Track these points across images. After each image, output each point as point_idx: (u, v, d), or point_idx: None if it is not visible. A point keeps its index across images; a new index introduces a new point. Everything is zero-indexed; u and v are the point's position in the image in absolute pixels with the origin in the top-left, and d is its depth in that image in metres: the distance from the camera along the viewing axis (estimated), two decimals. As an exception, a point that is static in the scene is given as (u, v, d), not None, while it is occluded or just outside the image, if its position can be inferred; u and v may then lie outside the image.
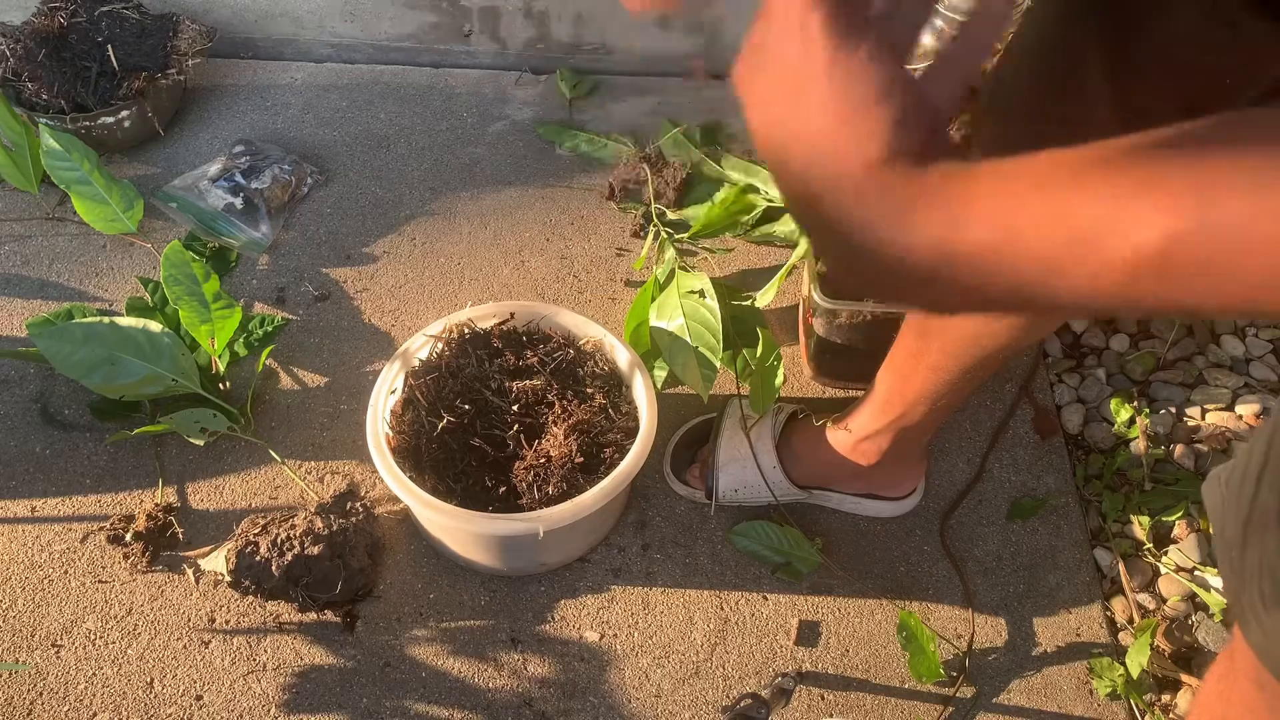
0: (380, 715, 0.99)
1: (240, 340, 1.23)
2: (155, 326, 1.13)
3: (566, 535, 1.03)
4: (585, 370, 1.09)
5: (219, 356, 1.17)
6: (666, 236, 1.32)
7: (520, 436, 1.04)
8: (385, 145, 1.51)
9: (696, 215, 1.35)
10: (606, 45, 1.62)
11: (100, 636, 1.02)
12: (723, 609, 1.07)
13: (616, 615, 1.06)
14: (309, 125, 1.53)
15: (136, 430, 1.10)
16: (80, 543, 1.08)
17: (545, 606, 1.06)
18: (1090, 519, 1.16)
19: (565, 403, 1.05)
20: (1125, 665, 1.02)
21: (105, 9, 1.47)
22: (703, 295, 1.12)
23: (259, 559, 0.99)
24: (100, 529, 1.09)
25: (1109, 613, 1.09)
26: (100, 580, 1.06)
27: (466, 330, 1.10)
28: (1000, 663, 1.05)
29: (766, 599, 1.08)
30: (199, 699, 0.99)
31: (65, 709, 0.98)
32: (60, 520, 1.10)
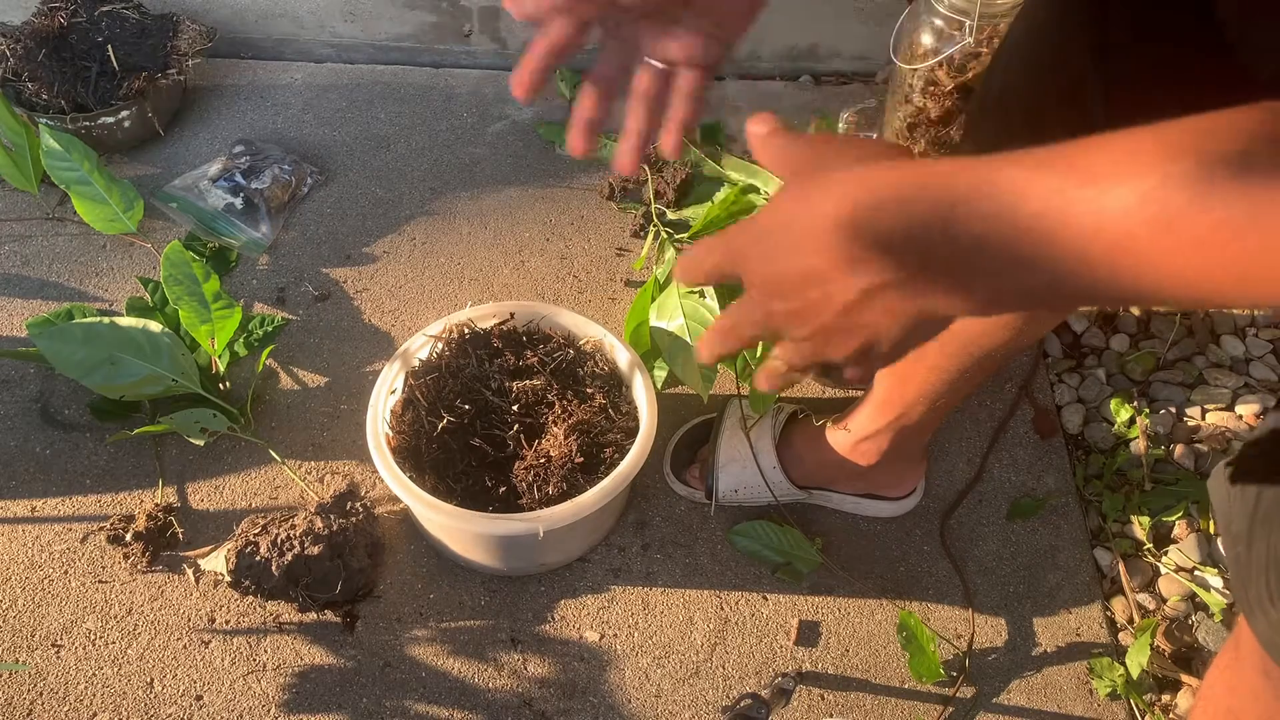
0: (380, 715, 0.99)
1: (240, 340, 1.23)
2: (155, 326, 1.13)
3: (566, 535, 1.03)
4: (585, 370, 1.09)
5: (219, 356, 1.17)
6: (666, 236, 1.32)
7: (520, 436, 1.04)
8: (385, 145, 1.51)
9: (696, 215, 1.35)
10: (606, 45, 1.62)
11: (100, 636, 1.02)
12: (723, 609, 1.07)
13: (616, 615, 1.06)
14: (309, 125, 1.53)
15: (136, 430, 1.10)
16: (80, 543, 1.08)
17: (545, 606, 1.06)
18: (1090, 519, 1.16)
19: (565, 403, 1.05)
20: (1125, 665, 1.03)
21: (105, 9, 1.47)
22: (703, 295, 1.12)
23: (259, 559, 0.99)
24: (100, 529, 1.09)
25: (1109, 613, 1.09)
26: (100, 580, 1.06)
27: (466, 330, 1.10)
28: (1000, 663, 1.05)
29: (766, 599, 1.08)
30: (199, 699, 0.99)
31: (65, 709, 0.98)
32: (60, 520, 1.10)
